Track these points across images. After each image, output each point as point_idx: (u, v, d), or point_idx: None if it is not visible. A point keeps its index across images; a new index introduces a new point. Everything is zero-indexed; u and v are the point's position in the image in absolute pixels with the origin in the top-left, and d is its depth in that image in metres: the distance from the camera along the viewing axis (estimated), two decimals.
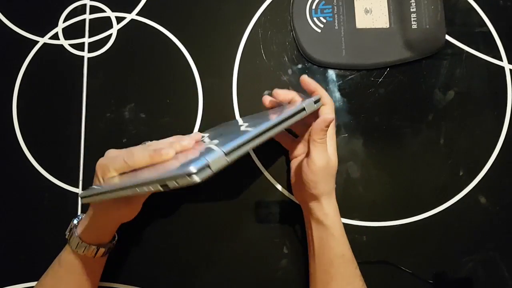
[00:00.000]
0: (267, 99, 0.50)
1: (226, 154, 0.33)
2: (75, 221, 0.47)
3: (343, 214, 0.54)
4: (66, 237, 0.46)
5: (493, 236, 0.54)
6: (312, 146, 0.43)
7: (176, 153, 0.39)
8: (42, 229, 0.55)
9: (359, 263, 0.47)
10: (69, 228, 0.46)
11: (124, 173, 0.40)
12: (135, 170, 0.40)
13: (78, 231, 0.45)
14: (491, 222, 0.54)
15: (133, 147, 0.42)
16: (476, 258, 0.53)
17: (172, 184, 0.32)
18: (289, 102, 0.48)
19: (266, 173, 0.55)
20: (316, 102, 0.44)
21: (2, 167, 0.56)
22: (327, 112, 0.45)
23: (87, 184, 0.56)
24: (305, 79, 0.46)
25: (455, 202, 0.55)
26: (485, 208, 0.55)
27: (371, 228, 0.54)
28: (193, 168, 0.30)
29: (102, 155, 0.43)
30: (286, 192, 0.55)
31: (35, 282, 0.47)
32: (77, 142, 0.56)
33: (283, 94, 0.48)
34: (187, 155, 0.37)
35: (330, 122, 0.43)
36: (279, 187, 0.55)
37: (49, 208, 0.55)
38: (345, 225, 0.54)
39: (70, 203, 0.55)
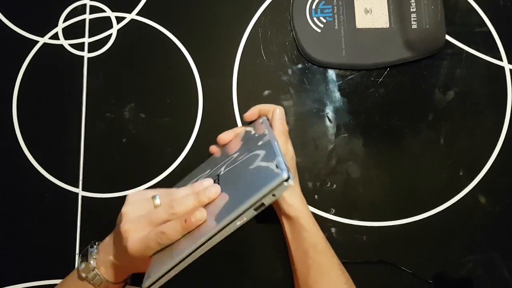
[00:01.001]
0: (214, 149, 0.51)
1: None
2: (92, 261, 0.41)
3: (343, 214, 0.54)
4: (81, 273, 0.41)
5: (493, 236, 0.54)
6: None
7: (204, 206, 0.37)
8: (42, 229, 0.55)
9: (359, 263, 0.47)
10: (84, 265, 0.41)
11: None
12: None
13: (103, 272, 0.41)
14: (491, 222, 0.54)
15: (158, 216, 0.38)
16: (476, 258, 0.53)
17: (270, 200, 0.31)
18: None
19: None
20: (263, 123, 0.48)
21: (2, 167, 0.56)
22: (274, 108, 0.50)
23: (87, 184, 0.56)
24: (246, 115, 0.51)
25: (455, 202, 0.55)
26: (485, 208, 0.55)
27: (371, 228, 0.54)
28: (285, 174, 0.30)
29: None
30: None
31: (35, 282, 0.47)
32: (77, 142, 0.56)
33: (227, 136, 0.49)
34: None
35: (282, 112, 0.49)
36: None
37: (49, 208, 0.55)
38: (345, 225, 0.54)
39: (70, 203, 0.55)
